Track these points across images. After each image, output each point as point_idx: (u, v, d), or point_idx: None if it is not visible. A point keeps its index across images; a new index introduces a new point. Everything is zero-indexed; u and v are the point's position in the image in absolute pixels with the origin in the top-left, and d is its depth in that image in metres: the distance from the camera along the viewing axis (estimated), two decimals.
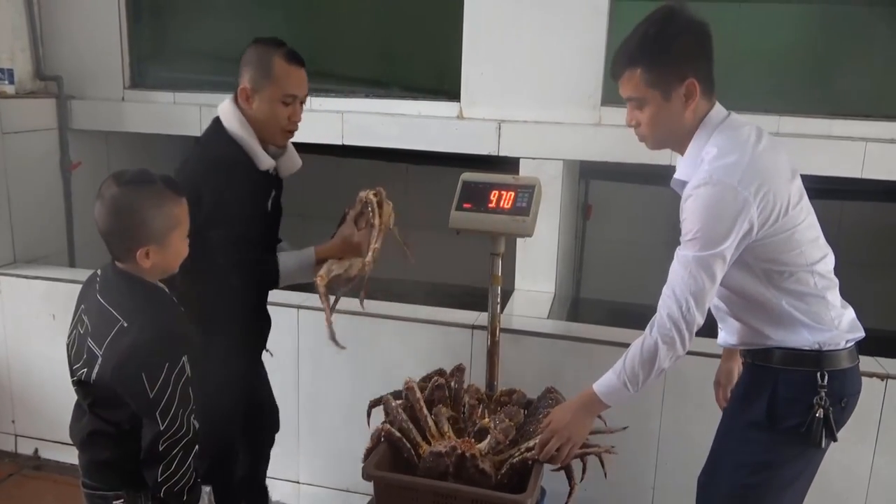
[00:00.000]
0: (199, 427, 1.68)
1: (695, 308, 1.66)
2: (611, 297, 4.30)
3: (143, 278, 1.68)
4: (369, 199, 2.05)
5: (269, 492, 2.61)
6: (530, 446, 1.89)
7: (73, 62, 3.57)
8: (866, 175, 2.75)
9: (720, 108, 1.74)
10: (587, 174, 3.93)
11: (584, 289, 4.35)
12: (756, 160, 1.63)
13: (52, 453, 3.32)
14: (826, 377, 1.70)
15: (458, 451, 1.86)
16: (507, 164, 3.06)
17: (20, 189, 3.34)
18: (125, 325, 1.62)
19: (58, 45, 3.57)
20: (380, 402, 2.10)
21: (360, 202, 2.07)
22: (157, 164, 4.25)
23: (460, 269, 3.92)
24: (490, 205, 2.15)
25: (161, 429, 1.59)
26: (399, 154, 3.49)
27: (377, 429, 1.98)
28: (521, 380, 2.23)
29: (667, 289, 1.70)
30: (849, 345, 1.75)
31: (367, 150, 3.39)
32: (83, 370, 1.67)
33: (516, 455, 1.90)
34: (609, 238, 4.29)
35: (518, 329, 2.66)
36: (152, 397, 1.57)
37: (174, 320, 1.69)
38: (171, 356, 1.61)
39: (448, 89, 3.19)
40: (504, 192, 2.16)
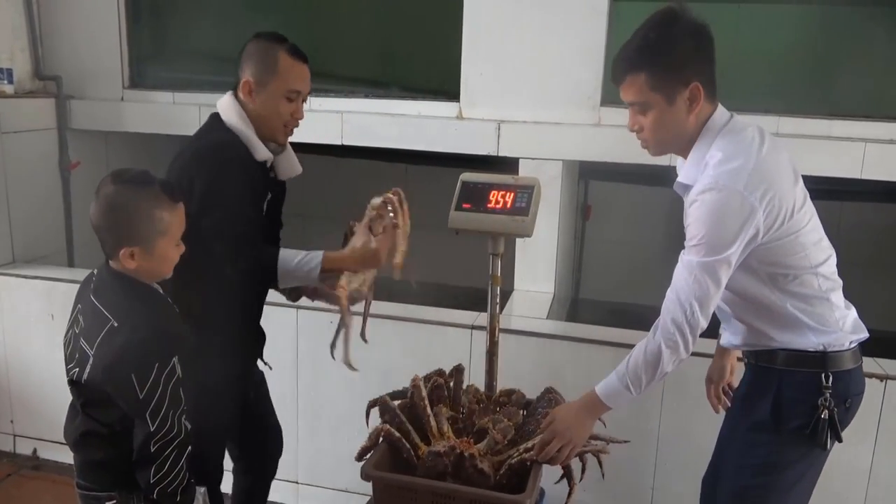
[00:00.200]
0: (190, 429, 1.67)
1: (699, 313, 1.65)
2: (610, 297, 4.30)
3: (136, 279, 1.66)
4: (390, 199, 1.96)
5: None
6: (529, 447, 1.89)
7: (73, 62, 3.57)
8: (866, 175, 2.76)
9: (723, 110, 1.73)
10: (586, 174, 3.93)
11: (584, 289, 4.35)
12: (761, 164, 1.62)
13: (50, 453, 3.32)
14: (830, 378, 1.70)
15: (457, 451, 1.86)
16: (507, 165, 3.06)
17: (19, 189, 3.34)
18: (115, 325, 1.61)
19: (57, 44, 3.57)
20: (378, 402, 2.10)
21: (375, 207, 1.98)
22: (157, 164, 4.25)
23: (459, 269, 3.92)
24: (489, 205, 2.14)
25: (151, 430, 1.58)
26: (398, 154, 3.49)
27: (376, 429, 1.98)
28: (520, 380, 2.23)
29: (671, 293, 1.69)
30: (853, 346, 1.75)
31: (366, 151, 3.39)
32: (75, 370, 1.66)
33: (515, 455, 1.90)
34: (608, 238, 4.29)
35: (517, 329, 2.66)
36: (142, 398, 1.56)
37: (166, 321, 1.67)
38: (162, 357, 1.59)
39: (447, 89, 3.19)
40: (503, 192, 2.15)
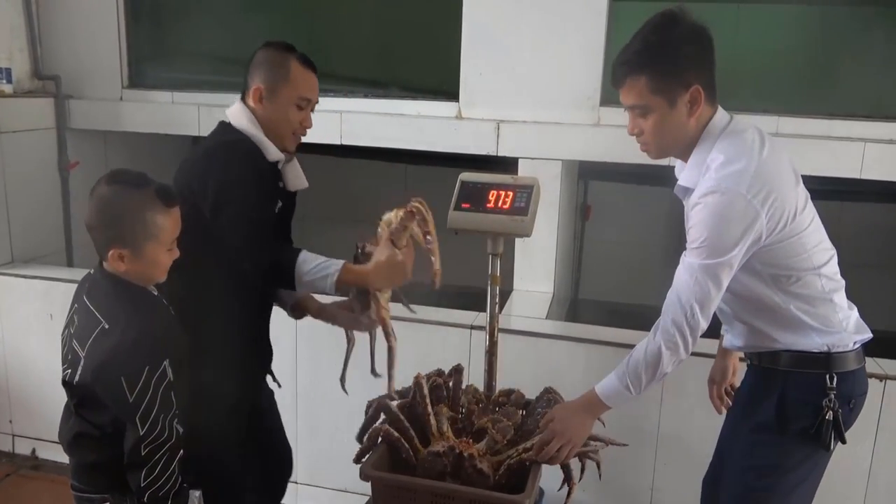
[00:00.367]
0: (182, 432, 1.65)
1: (699, 315, 1.65)
2: (609, 297, 4.29)
3: (129, 280, 1.65)
4: (418, 210, 1.91)
5: None
6: (528, 447, 1.88)
7: (72, 62, 3.57)
8: (865, 175, 2.76)
9: (723, 113, 1.73)
10: (586, 174, 3.93)
11: (583, 289, 4.35)
12: (762, 166, 1.61)
13: (49, 453, 3.31)
14: (835, 379, 1.70)
15: (456, 451, 1.85)
16: (506, 165, 3.06)
17: (18, 189, 3.34)
18: (106, 326, 1.60)
19: (56, 44, 3.57)
20: (377, 402, 2.10)
21: (396, 219, 1.91)
22: (156, 163, 4.24)
23: (459, 269, 3.91)
24: (488, 205, 2.14)
25: (141, 434, 1.57)
26: (398, 154, 3.49)
27: (375, 429, 1.97)
28: (520, 380, 2.23)
29: (672, 294, 1.68)
30: (856, 346, 1.75)
31: (365, 151, 3.38)
32: (68, 371, 1.65)
33: (514, 455, 1.89)
34: (608, 238, 4.29)
35: (516, 329, 2.66)
36: (132, 401, 1.55)
37: (158, 324, 1.65)
38: (152, 360, 1.57)
39: (447, 89, 3.18)
40: (503, 192, 2.15)
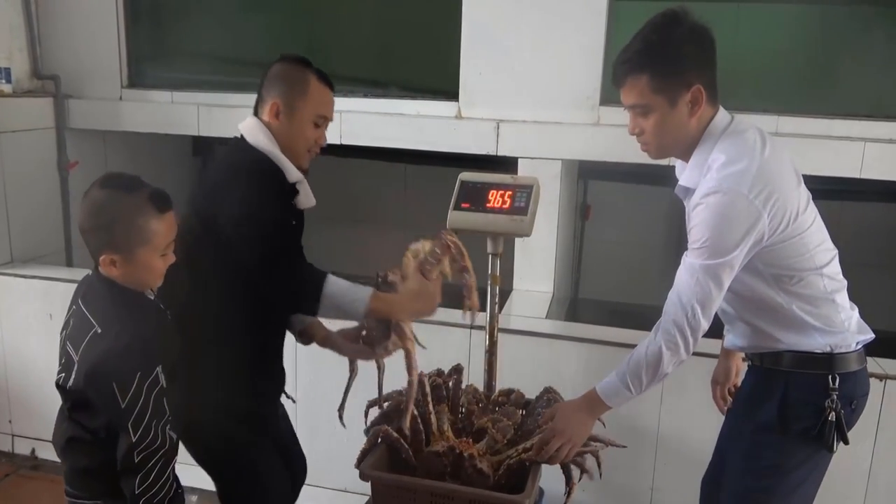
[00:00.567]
0: (176, 438, 1.63)
1: (700, 315, 1.64)
2: (609, 297, 4.29)
3: (124, 285, 1.62)
4: (453, 242, 1.89)
5: None
6: (528, 447, 1.88)
7: (71, 61, 3.56)
8: (865, 175, 2.75)
9: (724, 113, 1.72)
10: (586, 174, 3.92)
11: (583, 289, 4.34)
12: (764, 166, 1.61)
13: (49, 453, 3.30)
14: (837, 380, 1.70)
15: (456, 451, 1.85)
16: (506, 164, 3.06)
17: (17, 188, 3.33)
18: (99, 331, 1.57)
19: (55, 44, 3.56)
20: (377, 402, 2.10)
21: (428, 250, 1.89)
22: (155, 163, 4.26)
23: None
24: (488, 204, 2.14)
25: (133, 440, 1.54)
26: (397, 154, 3.48)
27: (374, 430, 1.97)
28: (520, 380, 2.23)
29: (673, 294, 1.68)
30: (858, 347, 1.75)
31: (365, 150, 3.38)
32: (62, 374, 1.63)
33: (514, 455, 1.89)
34: (608, 238, 4.28)
35: (516, 329, 2.65)
36: (124, 407, 1.52)
37: (151, 329, 1.62)
38: (144, 366, 1.55)
39: (446, 89, 3.18)
40: (502, 191, 2.15)
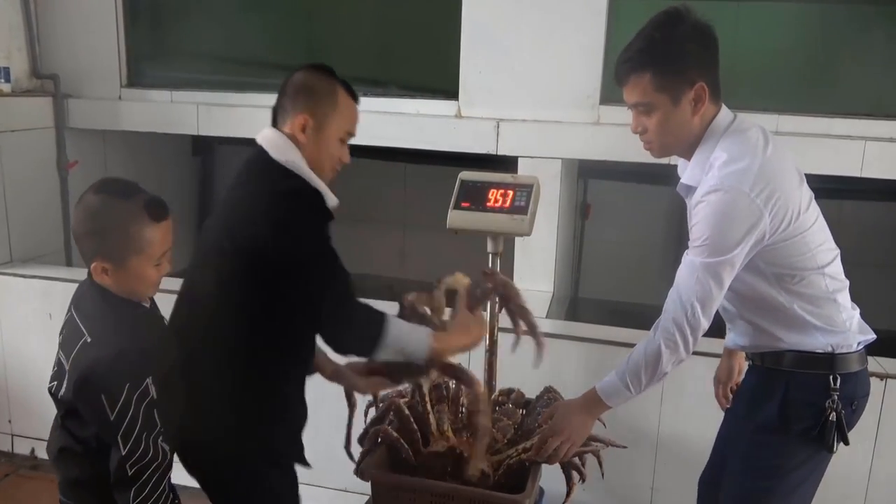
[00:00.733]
0: (169, 450, 1.57)
1: (700, 314, 1.64)
2: (609, 296, 4.29)
3: (117, 293, 1.58)
4: (505, 282, 1.90)
5: None
6: (527, 447, 1.88)
7: (70, 61, 3.56)
8: (866, 174, 2.75)
9: (727, 111, 1.72)
10: (586, 173, 3.92)
11: (583, 288, 4.34)
12: (766, 165, 1.61)
13: None
14: (838, 380, 1.69)
15: (457, 451, 1.85)
16: (506, 164, 3.05)
17: (17, 188, 3.33)
18: (89, 340, 1.53)
19: (55, 43, 3.55)
20: (377, 402, 2.10)
21: (461, 284, 1.91)
22: (155, 162, 4.26)
23: (459, 268, 3.90)
24: (488, 204, 2.14)
25: (123, 453, 1.49)
26: (397, 153, 3.48)
27: (374, 430, 1.97)
28: (520, 379, 2.22)
29: (673, 293, 1.68)
30: (860, 347, 1.75)
31: (365, 149, 3.36)
32: (54, 382, 1.61)
33: (514, 456, 1.89)
34: (607, 237, 4.28)
35: None
36: (113, 420, 1.48)
37: (142, 339, 1.57)
38: (133, 377, 1.50)
39: (446, 88, 3.17)
40: (502, 191, 2.15)
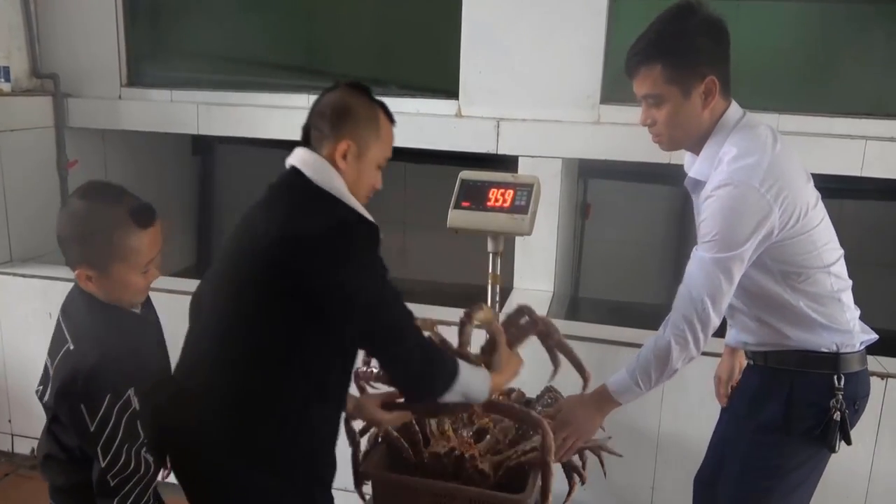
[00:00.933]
0: (153, 461, 1.53)
1: (711, 309, 1.63)
2: (609, 295, 4.29)
3: (104, 300, 1.54)
4: (547, 322, 1.92)
5: None
6: (527, 448, 1.88)
7: (70, 60, 3.55)
8: (866, 173, 2.75)
9: (736, 107, 1.72)
10: (586, 173, 3.92)
11: (583, 287, 4.34)
12: (775, 162, 1.61)
13: None
14: (842, 380, 1.69)
15: (457, 452, 1.85)
16: (506, 163, 3.05)
17: (17, 187, 3.33)
18: (71, 347, 1.51)
19: (54, 42, 3.55)
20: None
21: (492, 321, 1.93)
22: (155, 162, 4.25)
23: (459, 267, 3.90)
24: (489, 203, 2.13)
25: (103, 465, 1.46)
26: (397, 152, 3.46)
27: (374, 430, 1.97)
28: (520, 379, 2.21)
29: (682, 289, 1.67)
30: (862, 347, 1.75)
31: None
32: (40, 387, 1.58)
33: (514, 458, 1.89)
34: (608, 237, 4.28)
35: None
36: (93, 430, 1.45)
37: (126, 348, 1.52)
38: (114, 388, 1.46)
39: (446, 87, 3.17)
40: (503, 190, 2.14)
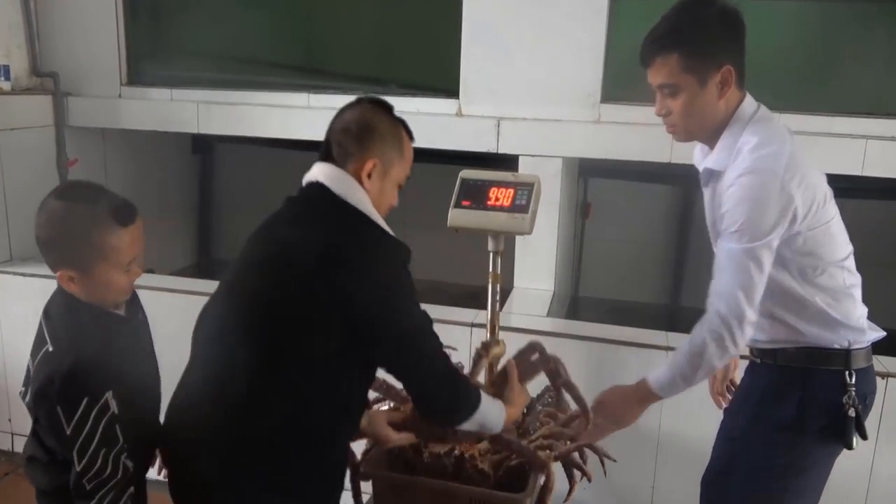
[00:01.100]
0: (132, 467, 1.50)
1: (745, 302, 1.60)
2: (610, 295, 4.29)
3: (87, 301, 1.51)
4: (555, 360, 1.93)
5: None
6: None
7: (70, 59, 3.55)
8: (867, 173, 2.75)
9: (751, 99, 1.72)
10: (586, 172, 3.92)
11: (583, 287, 4.34)
12: (796, 152, 1.62)
13: None
14: (853, 376, 1.69)
15: (457, 451, 1.85)
16: (507, 162, 3.05)
17: (17, 187, 3.32)
18: (50, 349, 1.48)
19: (54, 41, 3.55)
20: (377, 402, 2.09)
21: (521, 356, 1.96)
22: (155, 161, 4.24)
23: (459, 267, 3.90)
24: (489, 202, 2.13)
25: (78, 470, 1.43)
26: None
27: None
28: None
29: (714, 284, 1.66)
30: (869, 343, 1.75)
31: None
32: (23, 389, 1.56)
33: (513, 457, 1.88)
34: (608, 236, 4.28)
35: (517, 327, 2.65)
36: (69, 434, 1.42)
37: (106, 351, 1.49)
38: (92, 391, 1.43)
39: (446, 86, 3.17)
40: (503, 189, 2.14)
